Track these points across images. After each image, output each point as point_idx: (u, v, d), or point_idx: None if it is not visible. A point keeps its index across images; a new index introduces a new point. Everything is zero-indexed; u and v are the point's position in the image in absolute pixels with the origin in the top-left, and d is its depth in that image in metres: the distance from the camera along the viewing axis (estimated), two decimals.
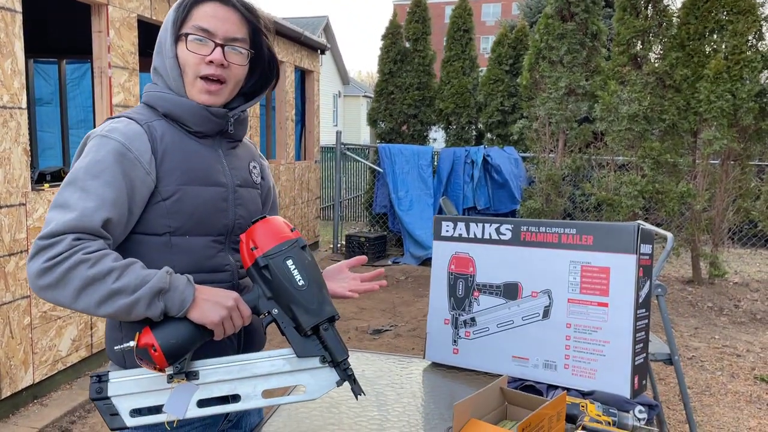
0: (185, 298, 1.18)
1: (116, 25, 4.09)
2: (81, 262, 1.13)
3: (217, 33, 1.31)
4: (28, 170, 3.42)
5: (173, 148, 1.31)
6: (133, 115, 1.32)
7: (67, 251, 1.13)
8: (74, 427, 3.38)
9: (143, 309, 1.15)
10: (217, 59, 1.31)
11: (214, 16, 1.31)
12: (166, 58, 1.33)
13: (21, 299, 3.39)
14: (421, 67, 9.00)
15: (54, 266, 1.13)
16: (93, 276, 1.13)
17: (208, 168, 1.34)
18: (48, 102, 8.98)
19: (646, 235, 1.63)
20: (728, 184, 6.80)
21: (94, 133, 1.30)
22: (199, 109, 1.33)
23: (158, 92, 1.35)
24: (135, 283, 1.15)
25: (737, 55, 6.39)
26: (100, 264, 1.14)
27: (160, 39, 1.35)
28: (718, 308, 6.18)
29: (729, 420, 3.72)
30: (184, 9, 1.33)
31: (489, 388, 1.39)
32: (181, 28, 1.32)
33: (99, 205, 1.19)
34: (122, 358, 1.32)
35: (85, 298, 1.13)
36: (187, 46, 1.31)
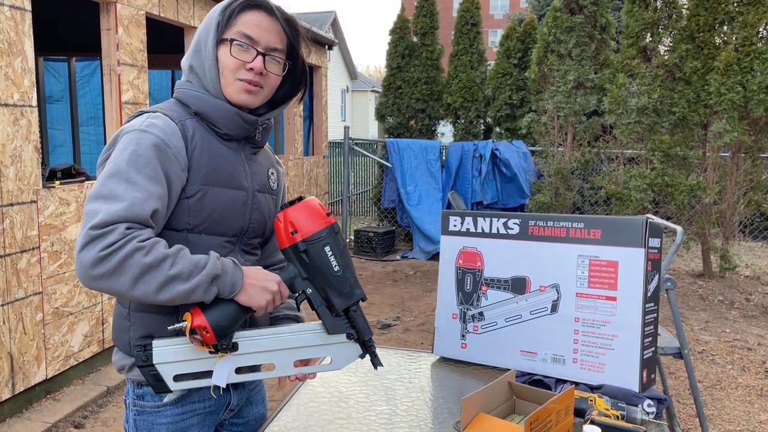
0: (235, 282, 1.24)
1: (125, 23, 4.11)
2: (137, 249, 1.16)
3: (260, 42, 1.34)
4: (39, 168, 3.45)
5: (202, 148, 1.33)
6: (167, 111, 1.34)
7: (121, 239, 1.15)
8: (87, 422, 3.42)
9: (201, 294, 1.20)
10: (258, 67, 1.34)
11: (258, 25, 1.34)
12: (206, 59, 1.35)
13: (33, 296, 3.42)
14: (429, 61, 8.97)
15: (109, 255, 1.14)
16: (150, 263, 1.16)
17: (232, 171, 1.37)
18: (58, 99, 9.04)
19: (654, 229, 1.63)
20: (739, 176, 6.75)
21: (130, 127, 1.30)
22: (232, 113, 1.35)
23: (193, 91, 1.37)
24: (189, 268, 1.19)
25: (748, 46, 6.33)
26: (154, 251, 1.17)
27: (199, 39, 1.37)
28: (729, 302, 6.15)
29: (740, 414, 3.71)
30: (230, 14, 1.34)
31: (497, 382, 1.40)
32: (225, 32, 1.34)
33: (146, 196, 1.22)
34: (128, 346, 1.35)
35: (143, 285, 1.16)
36: (230, 51, 1.33)
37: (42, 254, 3.48)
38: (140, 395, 1.38)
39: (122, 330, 1.36)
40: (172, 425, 1.37)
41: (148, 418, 1.37)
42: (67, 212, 3.67)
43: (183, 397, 1.37)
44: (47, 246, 3.52)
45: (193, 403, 1.39)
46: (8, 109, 3.23)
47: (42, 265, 3.48)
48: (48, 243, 3.52)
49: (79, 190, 3.79)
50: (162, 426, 1.37)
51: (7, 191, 3.22)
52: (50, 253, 3.54)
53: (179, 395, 1.37)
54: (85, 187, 3.84)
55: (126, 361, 1.38)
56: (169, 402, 1.36)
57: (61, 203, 3.62)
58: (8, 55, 3.23)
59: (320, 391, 1.66)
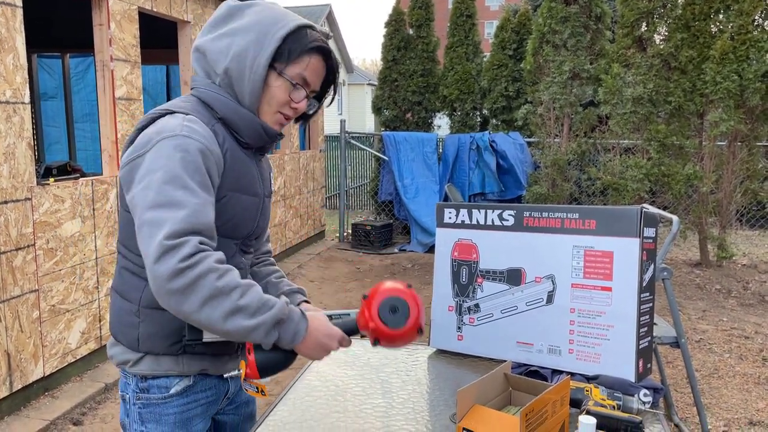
0: (298, 332, 1.24)
1: (117, 18, 4.08)
2: (210, 270, 1.15)
3: (311, 85, 1.38)
4: (32, 165, 3.44)
5: (230, 155, 1.34)
6: (196, 114, 1.32)
7: (196, 253, 1.15)
8: (85, 419, 3.42)
9: (261, 336, 1.19)
10: (301, 109, 1.38)
11: (316, 71, 1.37)
12: (251, 74, 1.32)
13: (29, 293, 3.41)
14: (424, 53, 8.95)
15: (186, 269, 1.13)
16: (221, 288, 1.15)
17: (251, 178, 1.40)
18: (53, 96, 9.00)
19: (649, 219, 1.62)
20: (735, 165, 6.75)
21: (169, 131, 1.26)
22: (257, 125, 1.36)
23: (220, 96, 1.34)
24: (256, 305, 1.18)
25: (743, 35, 6.32)
26: (227, 277, 1.17)
27: (246, 50, 1.32)
28: (726, 290, 6.16)
29: (737, 402, 3.72)
30: (299, 52, 1.33)
31: (493, 374, 1.39)
32: (287, 66, 1.33)
33: (204, 201, 1.22)
34: (136, 342, 1.36)
35: (209, 309, 1.15)
36: (289, 91, 1.35)
37: (37, 252, 3.47)
38: (145, 389, 1.39)
39: (129, 326, 1.36)
40: (179, 415, 1.39)
41: (155, 409, 1.39)
42: (62, 209, 3.66)
43: (188, 388, 1.39)
44: (42, 243, 3.51)
45: (196, 393, 1.41)
46: (0, 106, 3.21)
47: (38, 263, 3.47)
48: (43, 240, 3.51)
49: (74, 187, 3.78)
50: (170, 416, 1.39)
51: (0, 189, 3.21)
52: (46, 251, 3.53)
53: (185, 386, 1.39)
54: (80, 184, 3.83)
55: (130, 355, 1.38)
56: (175, 393, 1.38)
57: (56, 200, 3.61)
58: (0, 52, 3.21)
59: (316, 384, 1.66)
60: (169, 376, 1.38)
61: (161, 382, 1.38)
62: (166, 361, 1.37)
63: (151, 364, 1.37)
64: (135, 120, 4.32)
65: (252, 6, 1.37)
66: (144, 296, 1.34)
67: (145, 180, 1.22)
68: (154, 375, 1.37)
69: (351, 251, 8.03)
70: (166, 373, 1.37)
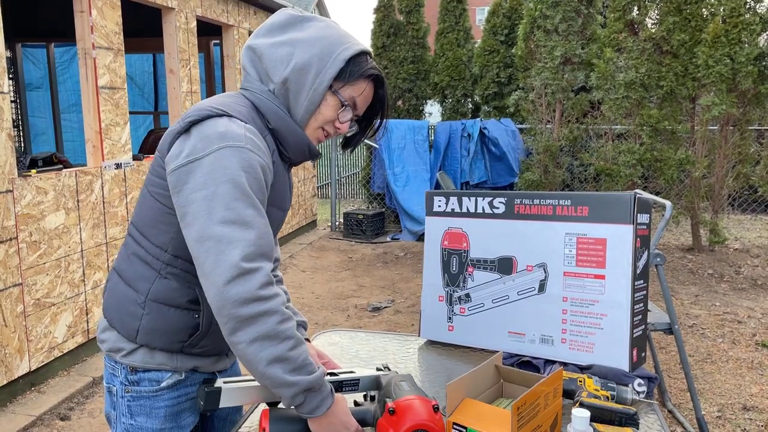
0: (320, 406, 1.21)
1: (98, 5, 3.99)
2: (277, 311, 1.15)
3: (359, 110, 1.38)
4: (13, 156, 3.36)
5: (276, 169, 1.33)
6: (252, 122, 1.29)
7: (270, 285, 1.16)
8: (73, 414, 3.37)
9: (290, 394, 1.18)
10: (343, 130, 1.38)
11: (366, 96, 1.37)
12: (312, 91, 1.31)
13: (13, 287, 3.35)
14: (414, 40, 8.86)
15: (260, 300, 1.14)
16: (279, 332, 1.15)
17: (285, 193, 1.40)
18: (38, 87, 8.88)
19: (642, 205, 1.58)
20: (727, 149, 6.73)
21: (232, 140, 1.21)
22: (305, 144, 1.35)
23: (276, 107, 1.32)
24: (301, 363, 1.17)
25: (735, 18, 6.27)
26: (287, 323, 1.17)
27: (311, 64, 1.30)
28: (719, 275, 6.16)
29: (731, 387, 3.71)
30: (358, 75, 1.33)
31: (483, 366, 1.35)
32: (344, 87, 1.33)
33: (267, 222, 1.23)
34: (135, 333, 1.33)
35: (259, 347, 1.14)
36: (338, 112, 1.34)
37: (20, 244, 3.40)
38: (135, 381, 1.36)
39: (130, 315, 1.33)
40: (169, 408, 1.37)
41: (145, 402, 1.36)
42: (45, 201, 3.59)
43: (179, 382, 1.37)
44: (25, 236, 3.44)
45: (186, 387, 1.39)
46: None
47: (21, 256, 3.40)
48: (26, 233, 3.44)
49: (57, 179, 3.70)
50: (160, 409, 1.37)
51: None
52: (29, 243, 3.46)
53: (176, 380, 1.37)
54: (63, 176, 3.75)
55: (124, 345, 1.34)
56: (166, 386, 1.36)
57: (38, 192, 3.54)
58: None
59: None
60: (161, 370, 1.35)
61: (153, 376, 1.35)
62: (161, 355, 1.34)
63: (145, 356, 1.34)
64: (119, 109, 4.24)
65: (313, 20, 1.36)
66: (154, 289, 1.31)
67: (209, 189, 1.17)
68: (146, 368, 1.34)
69: (343, 240, 7.98)
70: (159, 367, 1.34)
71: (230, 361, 1.49)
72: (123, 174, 4.30)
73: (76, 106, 8.84)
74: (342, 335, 1.98)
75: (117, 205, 4.24)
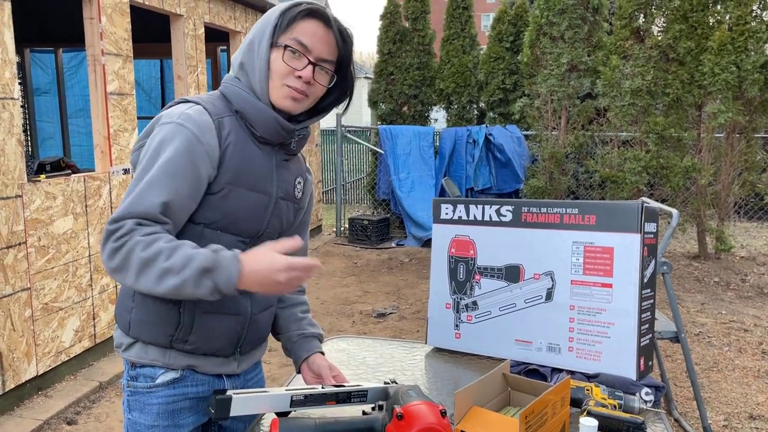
0: (231, 275, 1.20)
1: (108, 11, 4.02)
2: (136, 244, 1.20)
3: (313, 51, 1.33)
4: (23, 161, 3.38)
5: (234, 148, 1.33)
6: (208, 104, 1.33)
7: (126, 234, 1.21)
8: (79, 418, 3.38)
9: (192, 288, 1.19)
10: (306, 76, 1.33)
11: (314, 34, 1.33)
12: (258, 59, 1.34)
13: (21, 291, 3.37)
14: (420, 46, 8.88)
15: (117, 249, 1.20)
16: (146, 257, 1.19)
17: (259, 174, 1.37)
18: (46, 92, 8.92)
19: (650, 214, 1.59)
20: (734, 157, 6.72)
21: (168, 117, 1.31)
22: (272, 119, 1.35)
23: (237, 88, 1.36)
24: (182, 261, 1.19)
25: (742, 25, 6.27)
26: (152, 246, 1.20)
27: (253, 38, 1.35)
28: (725, 283, 6.14)
29: (737, 396, 3.70)
30: (290, 19, 1.33)
31: (491, 374, 1.36)
32: (280, 36, 1.33)
33: (160, 192, 1.24)
34: (128, 326, 1.37)
35: (144, 278, 1.20)
36: (283, 57, 1.33)
37: (29, 249, 3.42)
38: (134, 376, 1.38)
39: (125, 309, 1.38)
40: (163, 406, 1.38)
41: (140, 398, 1.38)
42: (53, 206, 3.61)
43: (176, 380, 1.38)
44: (34, 241, 3.46)
45: (185, 387, 1.39)
46: None
47: (29, 261, 3.43)
48: (35, 238, 3.46)
49: (66, 184, 3.73)
50: (153, 406, 1.37)
51: None
52: (38, 248, 3.49)
53: (172, 378, 1.37)
54: (72, 181, 3.78)
55: (124, 339, 1.39)
56: (161, 383, 1.37)
57: (47, 197, 3.56)
58: None
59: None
60: (155, 366, 1.37)
61: (147, 371, 1.37)
62: (153, 350, 1.36)
63: (139, 351, 1.37)
64: (127, 115, 4.26)
65: None
66: None
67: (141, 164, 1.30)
68: (142, 363, 1.37)
69: (348, 246, 7.99)
70: (152, 362, 1.36)
71: (240, 366, 1.47)
72: (131, 179, 4.33)
73: (83, 111, 8.89)
74: (349, 342, 1.99)
75: None
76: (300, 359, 1.53)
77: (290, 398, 1.33)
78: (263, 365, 1.65)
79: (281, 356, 1.73)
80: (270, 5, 6.25)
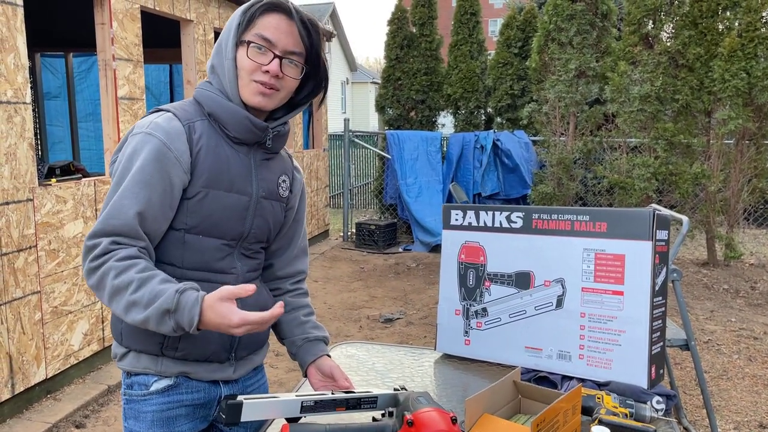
0: (192, 318, 1.22)
1: (119, 17, 4.05)
2: (110, 270, 1.23)
3: (278, 45, 1.33)
4: (34, 165, 3.41)
5: (207, 151, 1.33)
6: (178, 111, 1.35)
7: (102, 255, 1.24)
8: (88, 422, 3.39)
9: (155, 325, 1.22)
10: (273, 70, 1.32)
11: (277, 27, 1.33)
12: (225, 60, 1.35)
13: (31, 295, 3.39)
14: (428, 52, 8.90)
15: (94, 269, 1.24)
16: (116, 286, 1.22)
17: (236, 176, 1.37)
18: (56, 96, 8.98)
19: (662, 221, 1.58)
20: (743, 164, 6.69)
21: (138, 129, 1.33)
22: (243, 118, 1.35)
23: (208, 92, 1.37)
24: (148, 297, 1.21)
25: (751, 32, 6.26)
26: (123, 275, 1.22)
27: (221, 40, 1.37)
28: (734, 290, 6.10)
29: (747, 404, 3.67)
30: (250, 16, 1.34)
31: (502, 381, 1.35)
32: (244, 33, 1.34)
33: (132, 202, 1.26)
34: (120, 336, 1.39)
35: (114, 304, 1.24)
36: (247, 53, 1.33)
37: (39, 253, 3.44)
38: (129, 384, 1.40)
39: (117, 319, 1.39)
40: (157, 413, 1.38)
41: (135, 406, 1.39)
42: (64, 210, 3.63)
43: (170, 387, 1.38)
44: (45, 244, 3.48)
45: (180, 394, 1.39)
46: (2, 106, 3.18)
47: (39, 264, 3.44)
48: (45, 241, 3.48)
49: (76, 188, 3.75)
50: (147, 414, 1.38)
51: (2, 189, 3.18)
52: (48, 252, 3.50)
53: (166, 385, 1.38)
54: (82, 185, 3.80)
55: (118, 350, 1.40)
56: (155, 391, 1.37)
57: (58, 201, 3.58)
58: (0, 52, 3.18)
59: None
60: (148, 374, 1.38)
61: (141, 380, 1.38)
62: (145, 359, 1.37)
63: (132, 360, 1.38)
64: (137, 119, 4.29)
65: None
66: None
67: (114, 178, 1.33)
68: (136, 372, 1.38)
69: (355, 251, 7.99)
70: (145, 370, 1.37)
71: (237, 372, 1.47)
72: None
73: (93, 115, 8.94)
74: (358, 347, 1.99)
75: None
76: (306, 363, 1.53)
77: (300, 404, 1.33)
78: (271, 369, 1.66)
79: (288, 360, 1.74)
80: None
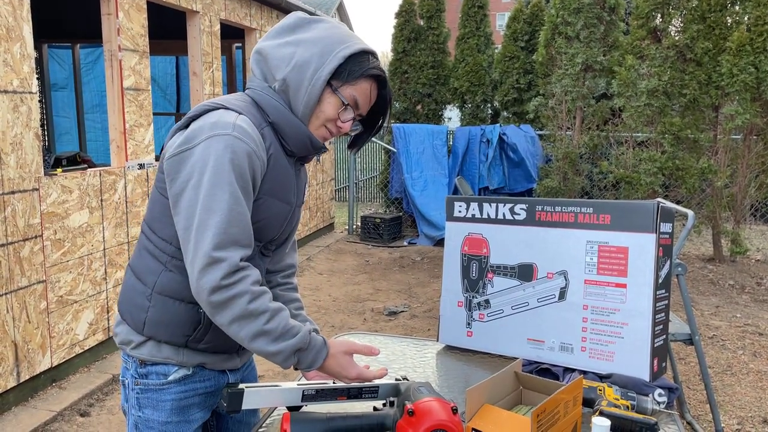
0: (315, 361, 1.30)
1: (125, 7, 4.05)
2: (245, 293, 1.22)
3: (361, 109, 1.39)
4: (40, 155, 3.42)
5: (273, 160, 1.35)
6: (249, 114, 1.32)
7: (237, 272, 1.22)
8: (92, 410, 3.41)
9: (280, 361, 1.27)
10: (345, 129, 1.39)
11: (368, 96, 1.39)
12: (309, 87, 1.33)
13: (37, 284, 3.41)
14: (435, 45, 8.87)
15: (226, 287, 1.21)
16: (251, 311, 1.23)
17: (287, 185, 1.40)
18: (63, 87, 9.01)
19: (666, 214, 1.57)
20: (750, 159, 6.64)
21: (221, 129, 1.26)
22: (305, 137, 1.37)
23: (276, 102, 1.35)
24: (281, 331, 1.25)
25: (760, 26, 6.20)
26: (259, 300, 1.24)
27: (309, 62, 1.33)
28: (740, 286, 6.08)
29: (751, 399, 3.66)
30: (358, 74, 1.35)
31: (503, 372, 1.35)
32: (342, 84, 1.34)
33: (245, 209, 1.26)
34: (142, 325, 1.36)
35: (237, 326, 1.23)
36: (338, 109, 1.36)
37: (45, 242, 3.46)
38: (144, 374, 1.39)
39: (138, 307, 1.36)
40: (176, 402, 1.39)
41: (153, 395, 1.39)
42: (69, 200, 3.64)
43: (186, 377, 1.40)
44: (50, 234, 3.49)
45: (195, 383, 1.41)
46: (8, 96, 3.19)
47: (45, 253, 3.46)
48: (51, 231, 3.50)
49: (82, 178, 3.76)
50: (167, 403, 1.39)
51: (8, 179, 3.20)
52: (53, 241, 3.52)
53: (183, 374, 1.39)
54: (88, 175, 3.81)
55: (133, 337, 1.38)
56: (173, 380, 1.38)
57: (63, 191, 3.60)
58: (6, 41, 3.19)
59: None
60: (168, 364, 1.38)
61: (160, 369, 1.38)
62: (167, 349, 1.37)
63: (152, 349, 1.37)
64: (143, 110, 4.30)
65: (321, 21, 1.39)
66: (159, 281, 1.34)
67: (195, 177, 1.24)
68: (154, 361, 1.37)
69: (360, 244, 8.00)
70: (165, 360, 1.37)
71: (242, 361, 1.50)
72: (146, 174, 4.36)
73: (99, 106, 8.96)
74: (361, 339, 1.99)
75: (139, 204, 4.30)
76: None
77: (302, 392, 1.34)
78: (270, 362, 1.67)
79: None
80: (286, 2, 6.26)
